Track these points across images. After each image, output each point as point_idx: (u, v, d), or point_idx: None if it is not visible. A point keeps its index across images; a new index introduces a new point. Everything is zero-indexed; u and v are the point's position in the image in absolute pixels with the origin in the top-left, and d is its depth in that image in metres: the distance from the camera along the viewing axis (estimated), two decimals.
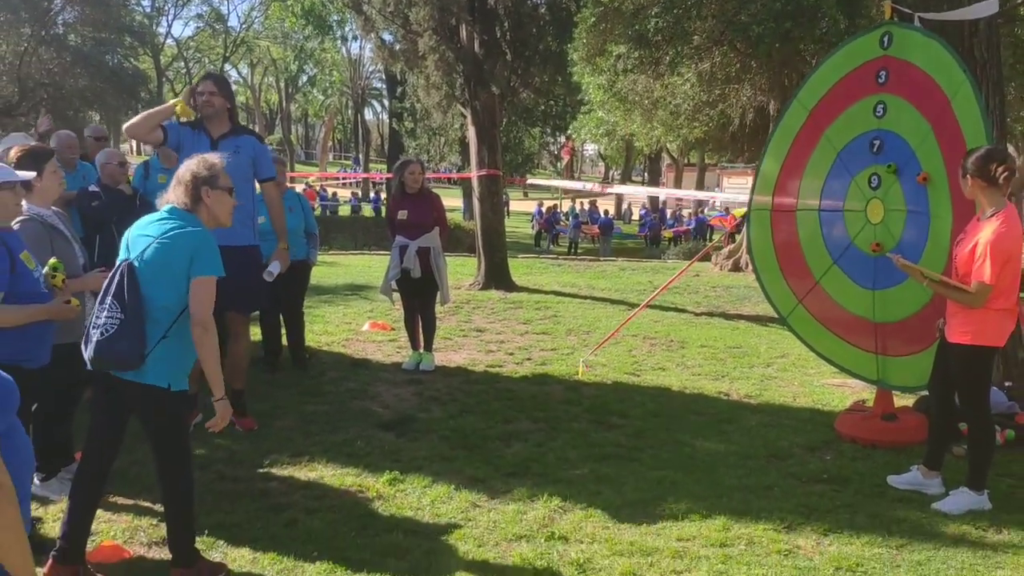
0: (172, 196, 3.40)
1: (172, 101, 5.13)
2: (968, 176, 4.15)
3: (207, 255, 3.29)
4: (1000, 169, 4.09)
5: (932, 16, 5.24)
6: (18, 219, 3.80)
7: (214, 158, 3.48)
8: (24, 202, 3.91)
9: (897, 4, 5.32)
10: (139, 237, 3.34)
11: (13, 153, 3.92)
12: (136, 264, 3.28)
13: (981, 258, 4.06)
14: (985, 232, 4.08)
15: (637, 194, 33.48)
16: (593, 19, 11.29)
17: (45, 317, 3.51)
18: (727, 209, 28.27)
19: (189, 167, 3.41)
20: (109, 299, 3.23)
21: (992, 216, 4.10)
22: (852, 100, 5.41)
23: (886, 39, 5.19)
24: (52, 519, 3.91)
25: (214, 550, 3.68)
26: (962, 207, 4.51)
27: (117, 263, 3.33)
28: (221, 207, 3.45)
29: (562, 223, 30.59)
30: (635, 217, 38.50)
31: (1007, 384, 5.71)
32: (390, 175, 28.84)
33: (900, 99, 5.11)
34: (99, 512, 3.96)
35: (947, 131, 4.81)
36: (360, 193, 42.60)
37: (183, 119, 5.12)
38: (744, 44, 10.36)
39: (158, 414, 3.35)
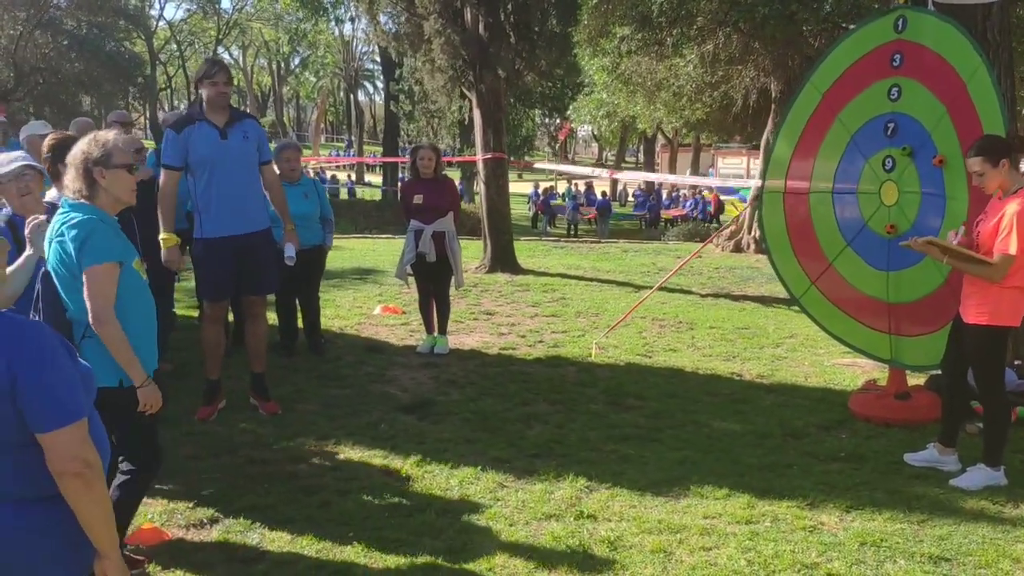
0: (67, 184, 3.10)
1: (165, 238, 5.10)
2: (1001, 160, 4.21)
3: (95, 242, 3.02)
4: (1017, 140, 4.23)
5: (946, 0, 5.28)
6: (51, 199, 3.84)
7: (108, 135, 3.11)
8: (55, 191, 3.97)
9: None
10: (48, 242, 3.13)
11: (45, 145, 3.97)
12: (49, 269, 3.12)
13: (1007, 229, 4.14)
14: (1011, 206, 4.17)
15: (635, 177, 33.56)
16: (596, 0, 11.29)
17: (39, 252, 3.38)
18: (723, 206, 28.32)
19: (80, 148, 3.06)
20: (31, 312, 3.10)
21: (1016, 192, 4.20)
22: (866, 83, 5.45)
23: (900, 23, 5.23)
24: None
25: (252, 531, 3.75)
26: (979, 188, 4.58)
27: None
28: (120, 186, 3.10)
29: (557, 202, 30.58)
30: (630, 198, 38.49)
31: (1017, 362, 5.80)
32: (386, 159, 28.61)
33: (915, 82, 5.15)
34: None
35: (963, 114, 4.86)
36: (354, 176, 42.40)
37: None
38: (748, 25, 10.37)
39: (119, 416, 3.10)
